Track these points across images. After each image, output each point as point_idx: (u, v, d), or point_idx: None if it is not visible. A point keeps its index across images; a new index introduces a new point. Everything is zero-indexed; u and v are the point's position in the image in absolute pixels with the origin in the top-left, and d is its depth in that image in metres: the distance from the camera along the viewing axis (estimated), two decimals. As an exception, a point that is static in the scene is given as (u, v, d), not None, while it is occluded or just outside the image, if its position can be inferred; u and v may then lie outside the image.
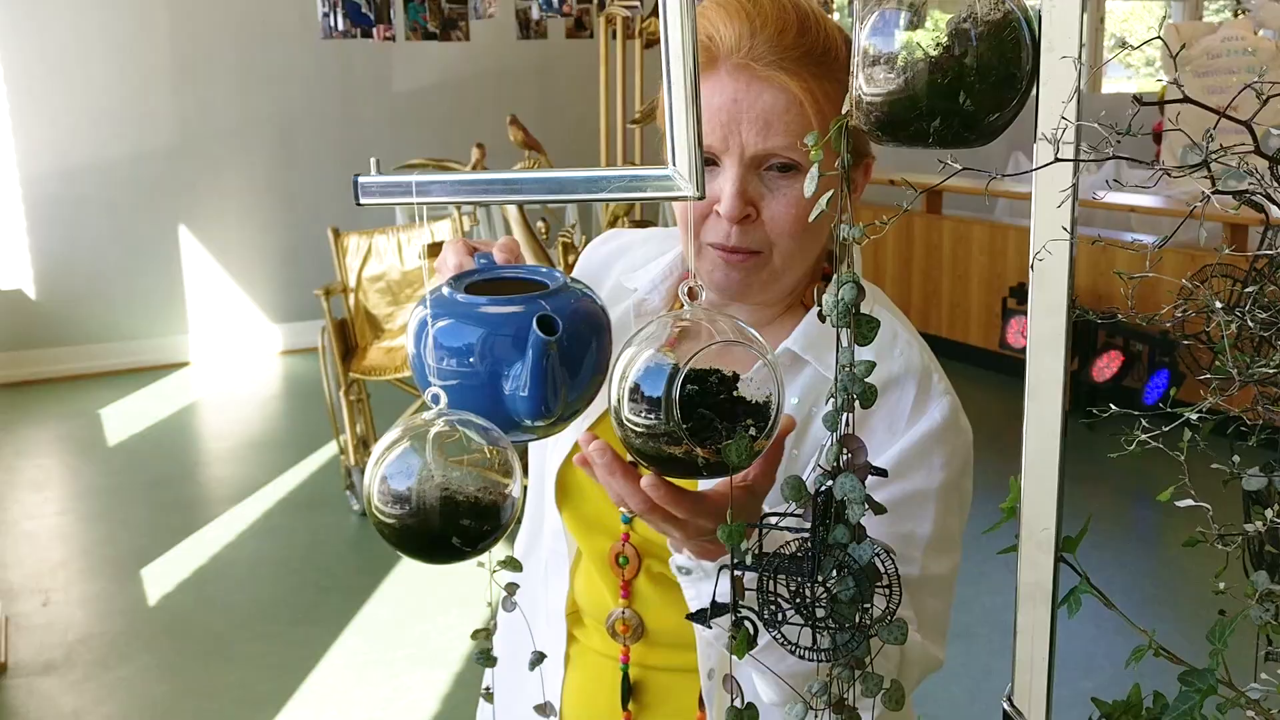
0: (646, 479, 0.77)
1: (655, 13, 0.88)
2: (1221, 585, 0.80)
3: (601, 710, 1.23)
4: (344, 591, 3.87)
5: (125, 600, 3.84)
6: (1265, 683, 0.74)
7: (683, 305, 1.21)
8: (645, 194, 0.79)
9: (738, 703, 0.75)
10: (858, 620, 0.70)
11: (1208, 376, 0.58)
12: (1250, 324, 0.58)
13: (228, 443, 5.53)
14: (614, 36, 4.77)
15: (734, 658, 0.73)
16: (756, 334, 0.80)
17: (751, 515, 0.78)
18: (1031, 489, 0.75)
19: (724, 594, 0.75)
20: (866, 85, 0.69)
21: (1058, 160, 0.54)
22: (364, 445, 4.48)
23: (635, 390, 0.75)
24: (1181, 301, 0.77)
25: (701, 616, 0.73)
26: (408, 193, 0.86)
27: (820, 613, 0.70)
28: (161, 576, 3.99)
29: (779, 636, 0.71)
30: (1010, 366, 5.51)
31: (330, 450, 5.08)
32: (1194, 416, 0.66)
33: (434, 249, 4.48)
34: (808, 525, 0.72)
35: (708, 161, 1.05)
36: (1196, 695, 0.70)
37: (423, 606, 3.77)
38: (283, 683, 3.31)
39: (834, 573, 0.70)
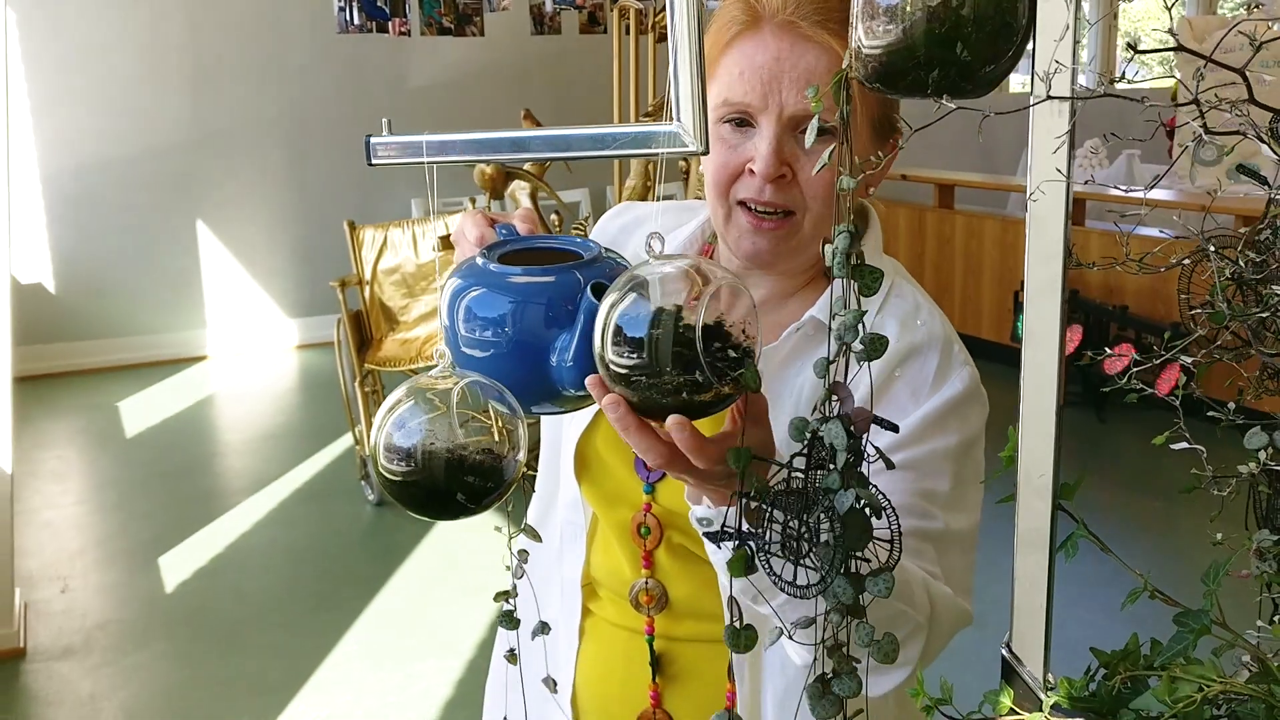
0: (672, 422, 0.76)
1: (667, 7, 0.90)
2: (1219, 536, 0.81)
3: (616, 682, 1.23)
4: (358, 580, 3.90)
5: (142, 588, 3.88)
6: (1262, 629, 0.76)
7: None
8: (651, 149, 0.81)
9: (736, 623, 0.76)
10: (843, 566, 0.71)
11: (1199, 311, 0.59)
12: (1240, 265, 0.59)
13: (244, 435, 5.56)
14: (627, 32, 4.79)
15: (734, 580, 0.74)
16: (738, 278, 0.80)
17: (767, 452, 0.79)
18: (1029, 436, 0.77)
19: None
20: (865, 37, 0.71)
21: (1050, 98, 0.55)
22: (370, 448, 4.50)
23: (619, 332, 0.75)
24: (1186, 270, 0.78)
25: (715, 537, 0.75)
26: (419, 152, 0.88)
27: (804, 550, 0.72)
28: (178, 565, 4.02)
29: (767, 567, 0.72)
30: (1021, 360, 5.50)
31: (345, 442, 5.11)
32: (1188, 360, 0.68)
33: (449, 241, 4.51)
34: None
35: (742, 122, 1.06)
36: (1190, 635, 0.71)
37: (435, 595, 3.79)
38: (297, 669, 3.34)
39: (820, 515, 0.71)
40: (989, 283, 6.14)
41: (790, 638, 0.73)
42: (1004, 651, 0.82)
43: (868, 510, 0.72)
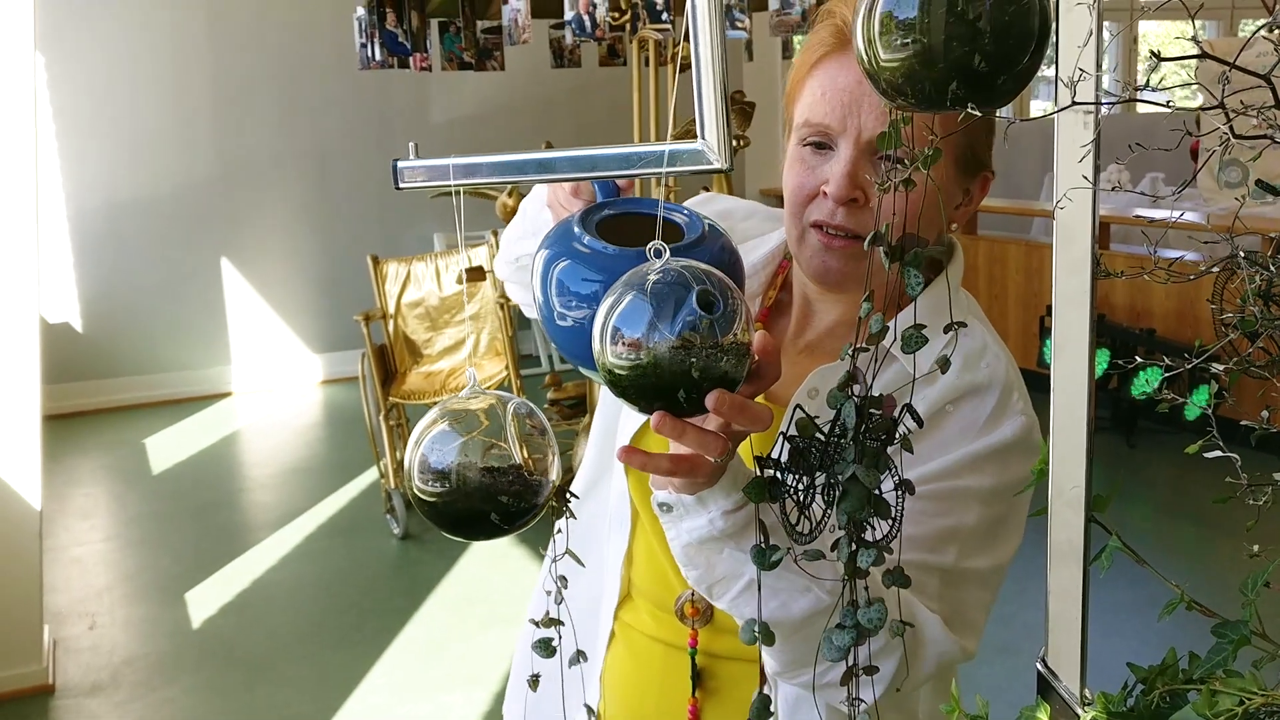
0: (710, 397, 0.74)
1: (687, 37, 0.89)
2: (1255, 549, 0.80)
3: (652, 699, 1.21)
4: (384, 613, 3.90)
5: (169, 623, 3.88)
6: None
7: (775, 292, 1.22)
8: (676, 168, 0.81)
9: (763, 544, 0.76)
10: (849, 529, 0.71)
11: (1230, 316, 0.59)
12: (1272, 270, 0.59)
13: (269, 470, 5.59)
14: (646, 63, 4.82)
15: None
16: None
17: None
18: (1060, 447, 0.76)
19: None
20: (882, 51, 0.71)
21: (1075, 104, 0.55)
22: (404, 469, 4.51)
23: (616, 332, 0.74)
24: (1213, 277, 0.78)
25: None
26: (445, 175, 0.89)
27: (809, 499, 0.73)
28: (205, 600, 4.03)
29: (777, 508, 0.73)
30: (1049, 385, 5.47)
31: (369, 476, 5.13)
32: (1219, 368, 0.67)
33: (473, 274, 4.53)
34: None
35: (822, 145, 1.06)
36: (1230, 646, 0.70)
37: (462, 627, 3.78)
38: (325, 703, 3.33)
39: (832, 477, 0.72)
40: (1014, 308, 6.12)
41: (795, 560, 0.75)
42: (1039, 666, 0.81)
43: (876, 489, 0.71)
